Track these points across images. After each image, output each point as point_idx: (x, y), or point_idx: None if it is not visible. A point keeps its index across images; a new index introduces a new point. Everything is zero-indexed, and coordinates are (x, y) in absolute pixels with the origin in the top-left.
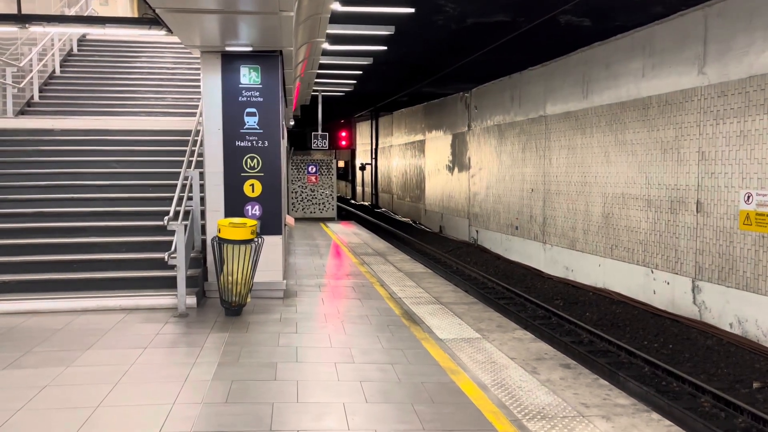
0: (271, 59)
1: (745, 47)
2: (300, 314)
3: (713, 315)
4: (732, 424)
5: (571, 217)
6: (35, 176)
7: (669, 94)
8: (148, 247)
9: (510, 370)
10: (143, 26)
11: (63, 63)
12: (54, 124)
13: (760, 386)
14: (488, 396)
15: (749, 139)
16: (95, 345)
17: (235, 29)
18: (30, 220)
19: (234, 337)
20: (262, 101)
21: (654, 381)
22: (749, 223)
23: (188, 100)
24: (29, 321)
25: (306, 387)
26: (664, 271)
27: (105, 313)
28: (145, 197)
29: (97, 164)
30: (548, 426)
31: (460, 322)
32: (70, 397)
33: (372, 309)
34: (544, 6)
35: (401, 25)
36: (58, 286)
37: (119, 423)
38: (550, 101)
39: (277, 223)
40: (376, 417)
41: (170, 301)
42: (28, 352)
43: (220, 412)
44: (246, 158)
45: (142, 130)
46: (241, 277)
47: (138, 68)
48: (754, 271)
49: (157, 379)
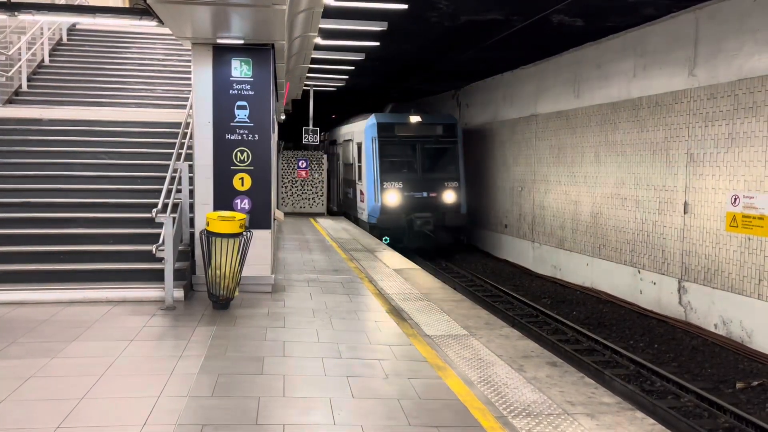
0: (263, 53)
1: (735, 50)
2: (288, 309)
3: (698, 315)
4: (715, 424)
5: (559, 216)
6: (22, 166)
7: (659, 96)
8: (136, 240)
9: (497, 367)
10: (134, 16)
11: (52, 52)
12: (42, 113)
13: (744, 387)
14: (474, 393)
15: (737, 142)
16: (81, 337)
17: (227, 22)
18: (17, 211)
19: (221, 330)
20: (253, 94)
21: (639, 380)
22: (735, 225)
23: (178, 92)
24: (15, 312)
25: (292, 381)
26: (651, 272)
27: (91, 305)
28: (134, 189)
29: (85, 155)
30: (534, 423)
31: (448, 318)
32: (54, 388)
33: (360, 305)
34: (538, 5)
35: (394, 21)
36: (44, 277)
37: (104, 415)
38: (541, 100)
39: (266, 218)
40: (363, 412)
41: (157, 294)
42: (13, 342)
43: (206, 406)
44: (236, 151)
45: (132, 122)
46: (229, 271)
47: (128, 59)
48: (739, 272)
49: (142, 371)
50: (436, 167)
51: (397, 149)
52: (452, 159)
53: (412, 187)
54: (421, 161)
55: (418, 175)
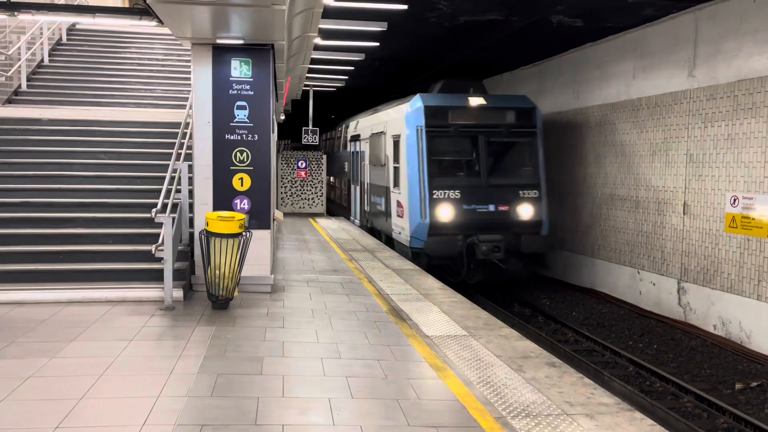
0: (263, 53)
1: (734, 51)
2: (287, 309)
3: (698, 316)
4: (714, 425)
5: (560, 216)
6: (22, 166)
7: (659, 96)
8: (136, 240)
9: (496, 367)
10: (134, 16)
11: (52, 52)
12: (42, 113)
13: (743, 387)
14: (474, 393)
15: (736, 143)
16: (80, 337)
17: (226, 22)
18: (16, 210)
19: (220, 330)
20: (252, 95)
21: (638, 381)
22: (735, 226)
23: (178, 92)
24: (14, 311)
25: (291, 382)
26: (650, 272)
27: (90, 305)
28: (133, 189)
29: (84, 155)
30: (533, 424)
31: (447, 319)
32: (53, 388)
33: (359, 305)
34: (537, 6)
35: (394, 21)
36: (43, 277)
37: (103, 415)
38: (541, 101)
39: (265, 218)
40: (362, 412)
41: (157, 294)
42: (12, 342)
43: (205, 406)
44: (235, 152)
45: (131, 122)
46: (228, 271)
47: (128, 59)
48: (738, 273)
49: (142, 371)
50: (508, 169)
51: (453, 144)
52: (530, 157)
53: (475, 198)
54: (487, 161)
55: (483, 181)
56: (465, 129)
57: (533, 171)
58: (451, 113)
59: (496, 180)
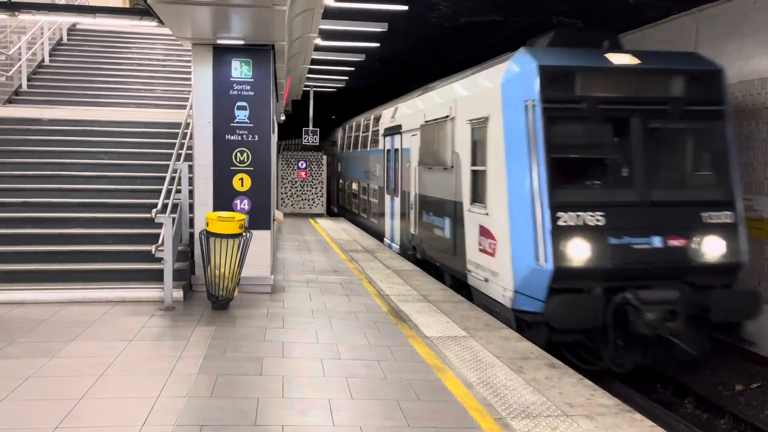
0: (263, 53)
1: (735, 52)
2: (287, 309)
3: None
4: (714, 426)
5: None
6: (22, 166)
7: None
8: (136, 240)
9: (496, 368)
10: (134, 17)
11: (52, 52)
12: (42, 113)
13: (743, 389)
14: (473, 394)
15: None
16: (80, 337)
17: (227, 22)
18: (16, 210)
19: (220, 331)
20: (253, 95)
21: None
22: None
23: (178, 92)
24: (14, 311)
25: (291, 382)
26: None
27: (90, 305)
28: (133, 189)
29: (85, 155)
30: (533, 425)
31: (447, 320)
32: (53, 388)
33: (359, 305)
34: (537, 7)
35: (394, 22)
36: (43, 277)
37: (103, 415)
38: None
39: (265, 218)
40: (362, 413)
41: (157, 294)
42: (12, 342)
43: (205, 406)
44: (236, 152)
45: (132, 122)
46: (228, 271)
47: (128, 59)
48: None
49: (142, 371)
50: (682, 175)
51: (590, 132)
52: (716, 154)
53: (627, 225)
54: (647, 161)
55: (640, 195)
56: (609, 106)
57: (722, 177)
58: (583, 79)
59: (661, 194)
